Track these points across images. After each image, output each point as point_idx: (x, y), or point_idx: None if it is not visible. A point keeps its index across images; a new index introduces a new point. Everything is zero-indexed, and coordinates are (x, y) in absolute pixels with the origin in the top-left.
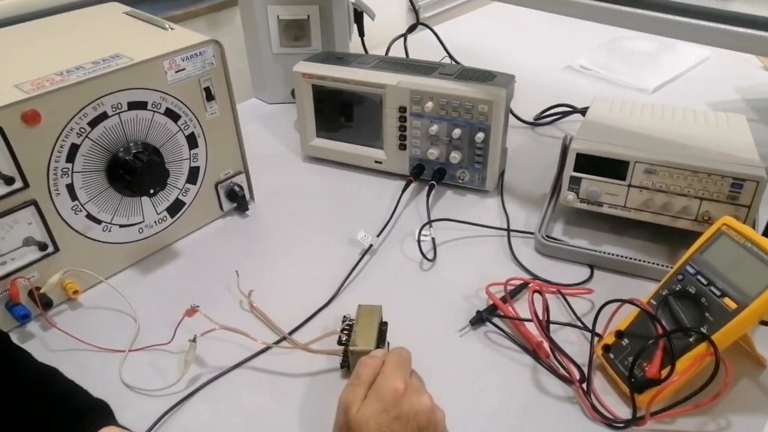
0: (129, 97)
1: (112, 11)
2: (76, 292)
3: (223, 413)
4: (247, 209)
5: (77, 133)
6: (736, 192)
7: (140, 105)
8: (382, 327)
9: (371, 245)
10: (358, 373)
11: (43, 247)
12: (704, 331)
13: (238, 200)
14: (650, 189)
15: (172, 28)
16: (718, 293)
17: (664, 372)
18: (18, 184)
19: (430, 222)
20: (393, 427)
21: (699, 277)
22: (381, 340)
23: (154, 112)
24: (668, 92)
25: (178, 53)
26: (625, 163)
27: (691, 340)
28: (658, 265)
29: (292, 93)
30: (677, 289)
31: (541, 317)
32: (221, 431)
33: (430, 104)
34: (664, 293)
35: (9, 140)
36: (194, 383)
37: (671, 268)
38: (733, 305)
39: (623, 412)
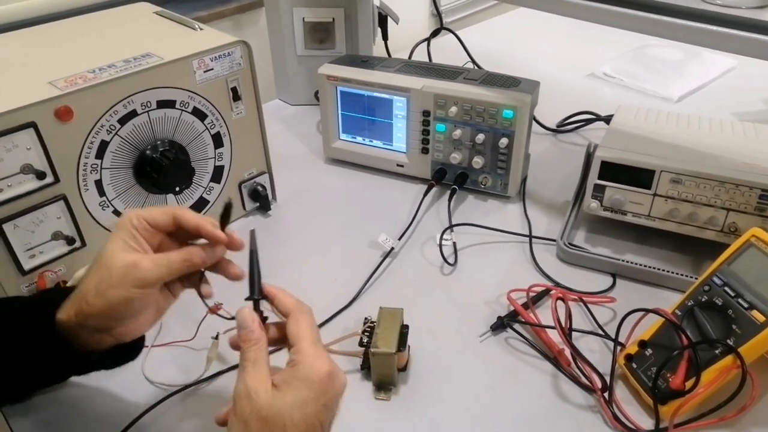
0: (158, 95)
1: (143, 11)
2: None
3: None
4: (270, 209)
5: (107, 130)
6: (765, 204)
7: (169, 104)
8: (404, 330)
9: (392, 248)
10: (246, 357)
11: (70, 241)
12: (731, 343)
13: (261, 200)
14: (676, 199)
15: (201, 29)
16: (746, 305)
17: (689, 384)
18: (49, 179)
19: (451, 226)
20: (321, 417)
21: (726, 288)
22: (402, 343)
23: (182, 110)
24: (693, 101)
25: (207, 53)
26: (651, 172)
27: (717, 352)
28: (682, 275)
29: (316, 95)
30: (703, 300)
31: (563, 324)
32: None
33: (454, 109)
34: (689, 304)
35: (42, 136)
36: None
37: (696, 278)
38: (761, 318)
39: (645, 423)
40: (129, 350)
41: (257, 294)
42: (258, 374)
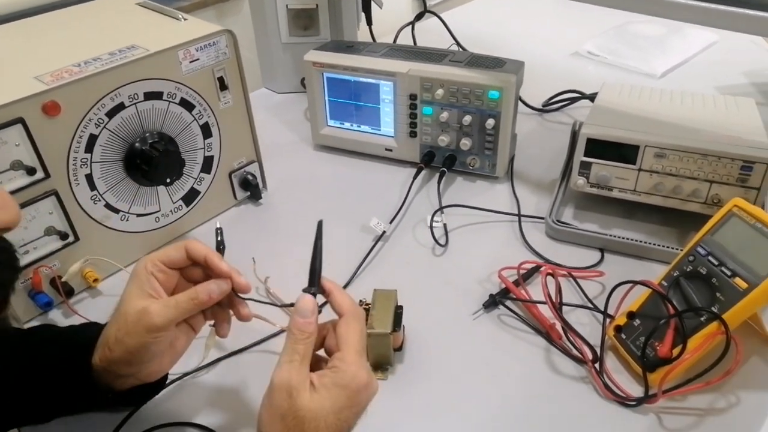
0: (145, 87)
1: (125, 2)
2: (96, 280)
3: (239, 390)
4: (261, 198)
5: (95, 124)
6: (746, 174)
7: (156, 95)
8: (398, 310)
9: (384, 232)
10: (295, 349)
11: (63, 236)
12: (715, 310)
13: (252, 189)
14: (660, 173)
15: (185, 19)
16: (729, 273)
17: (676, 351)
18: (39, 174)
19: (441, 208)
20: (350, 422)
21: (710, 258)
22: (397, 323)
23: (170, 102)
24: (676, 77)
25: (192, 43)
26: (635, 148)
27: (702, 319)
28: (667, 247)
29: (302, 82)
30: (688, 270)
31: (554, 299)
32: (235, 406)
33: (440, 91)
34: (675, 274)
35: (30, 131)
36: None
37: (681, 250)
38: (743, 285)
39: (635, 390)
40: (153, 386)
41: (316, 287)
42: (303, 372)
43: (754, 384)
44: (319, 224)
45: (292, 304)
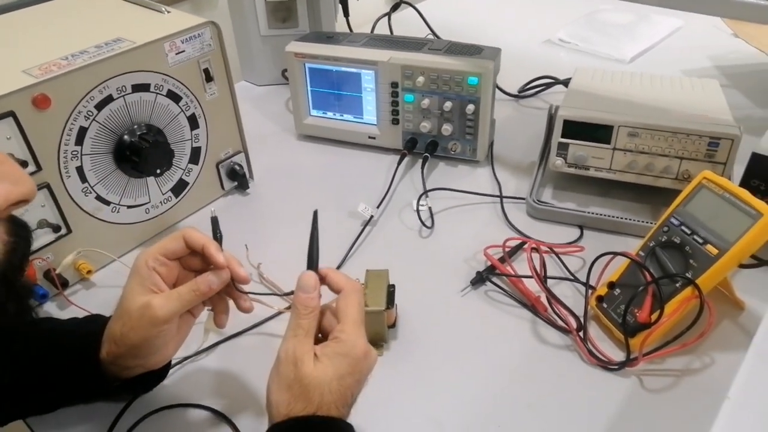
0: (132, 79)
1: None
2: (89, 272)
3: (238, 371)
4: (248, 188)
5: (85, 116)
6: (713, 150)
7: (143, 87)
8: (390, 289)
9: (372, 216)
10: (299, 324)
11: (56, 228)
12: (689, 276)
13: (239, 179)
14: (633, 151)
15: (168, 11)
16: (700, 241)
17: (654, 316)
18: (31, 167)
19: (426, 192)
20: (353, 389)
21: (683, 227)
22: (390, 301)
23: (157, 94)
24: (645, 61)
25: (178, 35)
26: (610, 128)
27: (677, 285)
28: (642, 222)
29: (283, 73)
30: (663, 240)
31: (539, 273)
32: (235, 387)
33: (421, 79)
34: (651, 245)
35: (21, 124)
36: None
37: (654, 224)
38: (714, 251)
39: (617, 355)
40: (157, 374)
41: (315, 267)
42: (307, 344)
43: (726, 345)
44: (315, 213)
45: (291, 293)
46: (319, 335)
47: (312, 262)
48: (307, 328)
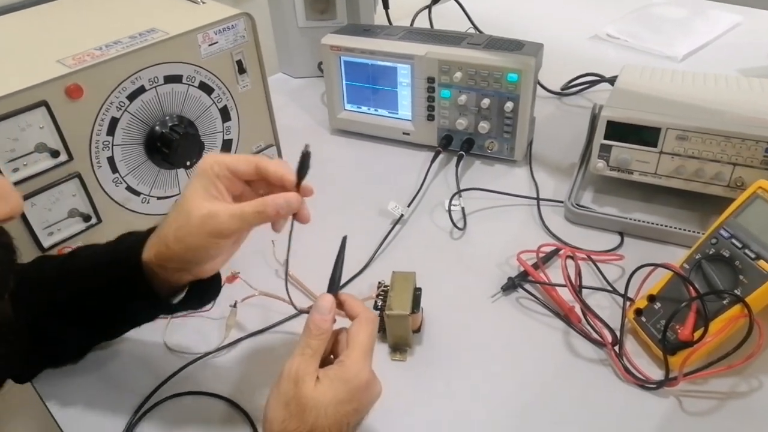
0: (165, 70)
1: None
2: None
3: (258, 368)
4: None
5: (117, 107)
6: None
7: (176, 78)
8: (417, 292)
9: (402, 215)
10: (308, 343)
11: (86, 218)
12: (738, 293)
13: None
14: (682, 155)
15: (203, 2)
16: (752, 256)
17: (697, 334)
18: (63, 157)
19: (459, 192)
20: (350, 419)
21: (733, 240)
22: (416, 304)
23: (189, 85)
24: (698, 59)
25: (211, 26)
26: (657, 130)
27: (724, 302)
28: (688, 231)
29: (319, 66)
30: (711, 252)
31: (573, 282)
32: (254, 383)
33: (458, 74)
34: (697, 257)
35: (54, 114)
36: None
37: (702, 234)
38: (767, 267)
39: (655, 373)
40: (211, 289)
41: (335, 291)
42: (312, 365)
43: None
44: (343, 240)
45: (307, 310)
46: (331, 356)
47: (333, 286)
48: (315, 349)
